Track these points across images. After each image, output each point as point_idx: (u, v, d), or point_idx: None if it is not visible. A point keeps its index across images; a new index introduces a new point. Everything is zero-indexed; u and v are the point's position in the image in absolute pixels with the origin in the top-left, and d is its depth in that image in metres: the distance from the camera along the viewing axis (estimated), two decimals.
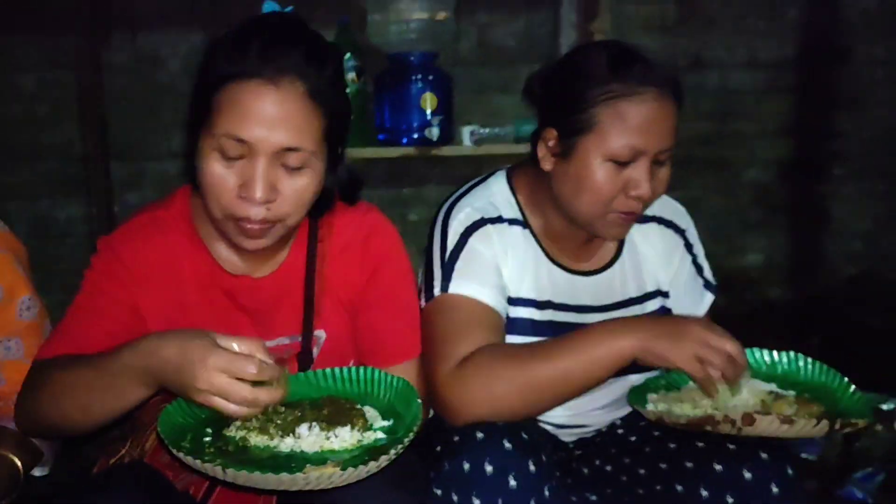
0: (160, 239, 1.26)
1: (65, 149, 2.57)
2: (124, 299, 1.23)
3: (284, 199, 1.16)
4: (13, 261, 1.34)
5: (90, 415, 1.13)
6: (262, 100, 1.10)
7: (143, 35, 2.58)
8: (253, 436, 1.09)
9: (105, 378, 1.10)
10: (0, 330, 1.32)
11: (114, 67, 2.54)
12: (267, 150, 1.12)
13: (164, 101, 2.61)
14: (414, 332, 1.34)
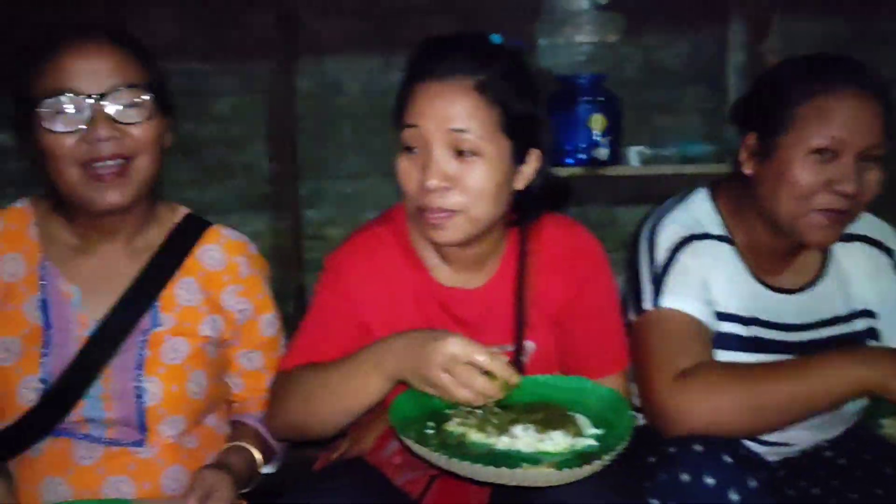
0: (380, 255, 1.34)
1: (253, 168, 2.76)
2: (351, 315, 1.32)
3: (460, 188, 1.22)
4: (262, 282, 1.44)
5: (337, 413, 1.23)
6: (436, 94, 1.22)
7: (328, 61, 2.74)
8: (472, 432, 1.16)
9: (347, 377, 1.20)
10: (245, 343, 1.42)
11: (300, 92, 2.71)
12: (438, 138, 1.21)
13: (343, 124, 2.76)
14: (621, 346, 1.38)
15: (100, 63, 1.23)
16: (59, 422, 1.24)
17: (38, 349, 1.25)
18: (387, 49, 2.73)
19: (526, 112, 1.27)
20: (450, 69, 1.22)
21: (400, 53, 2.69)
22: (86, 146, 1.22)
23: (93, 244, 1.32)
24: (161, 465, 1.29)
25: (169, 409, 1.28)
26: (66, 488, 1.24)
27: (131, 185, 1.25)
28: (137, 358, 1.28)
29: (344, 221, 2.78)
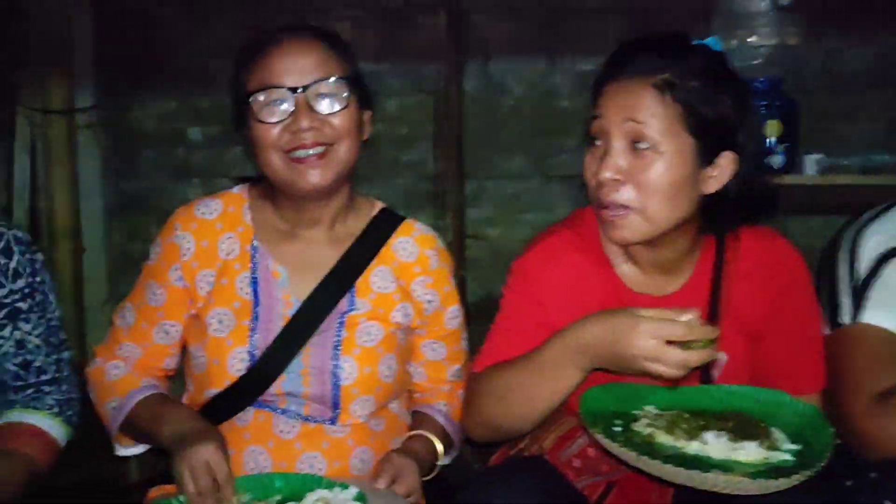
0: (568, 259, 1.33)
1: (419, 167, 2.83)
2: (540, 318, 1.31)
3: (633, 182, 1.20)
4: (449, 275, 1.49)
5: (533, 409, 1.23)
6: (619, 89, 1.22)
7: (494, 63, 2.77)
8: (660, 434, 1.14)
9: (540, 371, 1.21)
10: (430, 333, 1.46)
11: (467, 93, 2.75)
12: (615, 128, 1.20)
13: (507, 126, 2.78)
14: (819, 364, 1.32)
15: (303, 59, 1.31)
16: (262, 393, 1.32)
17: (248, 323, 1.34)
18: (552, 51, 2.74)
19: (716, 113, 1.23)
20: (635, 68, 1.22)
21: (565, 55, 2.73)
22: (289, 135, 1.30)
23: (298, 230, 1.41)
24: (351, 445, 1.35)
25: (361, 389, 1.34)
26: (267, 458, 1.31)
27: (330, 169, 1.33)
28: (335, 338, 1.34)
29: (504, 222, 2.80)
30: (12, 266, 1.37)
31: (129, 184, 2.83)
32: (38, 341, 1.39)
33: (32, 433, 1.37)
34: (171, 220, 1.42)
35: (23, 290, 1.37)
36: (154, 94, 2.78)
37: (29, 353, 1.38)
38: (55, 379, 1.42)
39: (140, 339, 1.39)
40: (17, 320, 1.37)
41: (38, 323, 1.39)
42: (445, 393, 1.50)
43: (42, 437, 1.38)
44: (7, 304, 1.36)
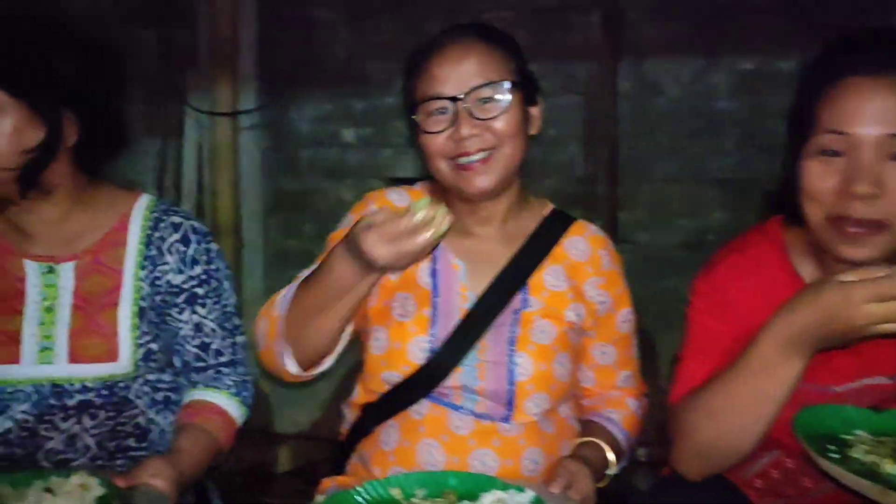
0: (757, 275, 1.26)
1: (568, 168, 2.79)
2: (736, 334, 1.23)
3: (888, 197, 1.11)
4: (621, 276, 1.46)
5: (754, 417, 1.14)
6: (870, 92, 1.11)
7: (648, 63, 2.69)
8: (886, 463, 1.06)
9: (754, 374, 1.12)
10: (601, 336, 1.43)
11: (619, 93, 2.69)
12: (872, 141, 1.10)
13: (661, 127, 2.70)
14: None
15: (463, 66, 1.31)
16: (439, 384, 1.32)
17: (428, 312, 1.35)
18: (710, 50, 2.63)
19: None
20: (884, 65, 1.11)
21: (724, 54, 2.61)
22: (452, 143, 1.32)
23: (471, 227, 1.42)
24: (523, 445, 1.33)
25: (536, 385, 1.32)
26: (441, 453, 1.32)
27: (495, 172, 1.33)
28: (510, 334, 1.34)
29: (656, 226, 2.72)
30: (190, 253, 1.43)
31: (286, 183, 2.94)
32: (214, 325, 1.44)
33: (215, 411, 1.43)
34: (364, 199, 1.48)
35: (199, 276, 1.43)
36: (311, 96, 2.87)
37: (206, 336, 1.44)
38: (231, 361, 1.47)
39: None
40: (195, 305, 1.43)
41: (214, 308, 1.44)
42: (615, 400, 1.46)
43: (223, 416, 1.43)
44: (186, 290, 1.42)
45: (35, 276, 1.37)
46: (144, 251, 1.41)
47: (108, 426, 1.37)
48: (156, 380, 1.43)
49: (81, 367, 1.35)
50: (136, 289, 1.39)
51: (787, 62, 2.54)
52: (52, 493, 1.14)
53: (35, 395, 1.34)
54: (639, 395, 1.49)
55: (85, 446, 1.35)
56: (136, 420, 1.40)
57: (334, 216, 2.91)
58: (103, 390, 1.36)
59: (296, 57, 2.83)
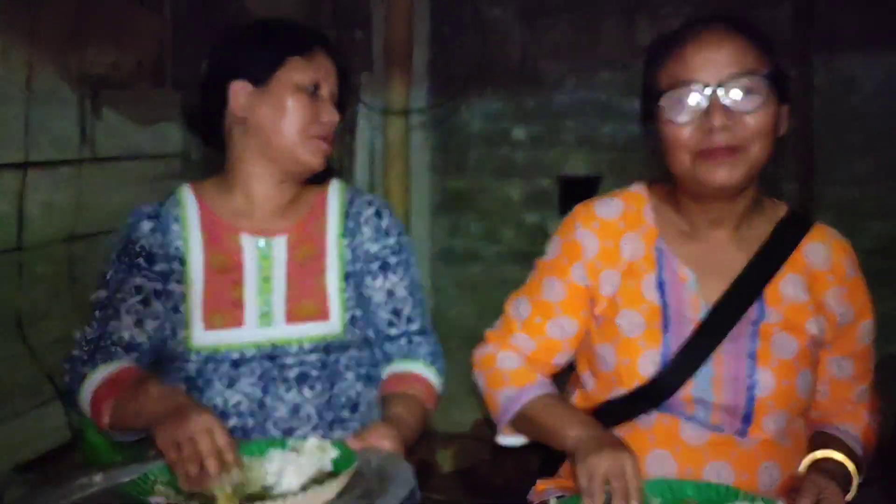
0: None
1: None
2: None
3: None
4: (864, 285, 1.37)
5: None
6: None
7: (842, 57, 2.55)
8: None
9: None
10: (839, 349, 1.35)
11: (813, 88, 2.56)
12: None
13: (853, 124, 2.55)
14: None
15: (719, 53, 1.24)
16: (669, 397, 1.27)
17: (658, 326, 1.30)
18: None
19: None
20: None
21: None
22: (700, 135, 1.24)
23: (701, 231, 1.35)
24: (759, 458, 1.26)
25: (777, 402, 1.26)
26: (672, 463, 1.27)
27: (739, 168, 1.25)
28: (749, 347, 1.27)
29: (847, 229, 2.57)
30: (384, 225, 1.53)
31: (454, 181, 2.96)
32: (405, 292, 1.53)
33: (416, 379, 1.49)
34: (569, 217, 1.41)
35: (392, 246, 1.53)
36: (481, 94, 2.88)
37: (398, 301, 1.52)
38: (422, 330, 1.54)
39: (534, 332, 1.41)
40: (388, 272, 1.51)
41: (405, 276, 1.53)
42: (850, 413, 1.37)
43: (424, 383, 1.49)
44: (381, 258, 1.52)
45: (251, 249, 1.47)
46: (345, 223, 1.51)
47: (325, 397, 1.44)
48: (359, 356, 1.50)
49: (298, 328, 1.44)
50: (340, 256, 1.49)
51: None
52: (297, 452, 1.20)
53: (258, 366, 1.42)
54: (874, 408, 1.40)
55: (307, 416, 1.43)
56: (348, 393, 1.47)
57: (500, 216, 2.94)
58: (317, 362, 1.44)
59: (468, 56, 2.85)
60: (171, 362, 1.45)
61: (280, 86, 1.42)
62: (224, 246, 1.47)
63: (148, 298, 1.44)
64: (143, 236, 1.47)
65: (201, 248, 1.47)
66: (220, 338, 1.42)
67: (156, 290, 1.45)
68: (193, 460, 1.12)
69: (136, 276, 1.44)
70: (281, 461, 1.19)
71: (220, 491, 1.12)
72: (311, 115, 1.42)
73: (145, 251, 1.46)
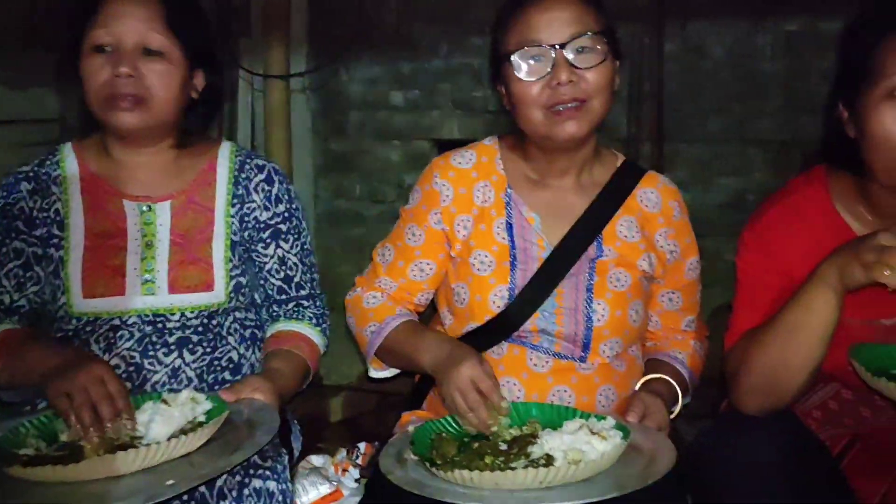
0: (802, 223, 1.33)
1: (612, 129, 2.84)
2: (785, 284, 1.29)
3: None
4: (689, 226, 1.54)
5: (809, 350, 1.21)
6: None
7: (693, 24, 2.74)
8: None
9: (806, 306, 1.20)
10: (669, 283, 1.51)
11: (665, 55, 2.74)
12: None
13: (705, 88, 2.75)
14: None
15: (560, 14, 1.37)
16: (517, 328, 1.41)
17: (507, 264, 1.43)
18: (755, 11, 2.67)
19: None
20: None
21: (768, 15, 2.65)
22: (549, 91, 1.36)
23: (547, 179, 1.48)
24: (597, 382, 1.42)
25: (612, 330, 1.41)
26: (520, 388, 1.41)
27: (585, 121, 1.39)
28: (587, 282, 1.42)
29: (699, 185, 2.79)
30: (275, 192, 1.55)
31: (336, 144, 3.01)
32: (296, 260, 1.56)
33: (300, 338, 1.55)
34: (429, 168, 1.52)
35: (283, 213, 1.55)
36: (360, 59, 2.94)
37: (289, 269, 1.55)
38: (311, 295, 1.59)
39: (397, 275, 1.51)
40: (279, 240, 1.54)
41: (295, 244, 1.56)
42: (679, 342, 1.54)
43: (308, 342, 1.55)
44: (271, 226, 1.54)
45: (134, 215, 1.47)
46: (233, 190, 1.52)
47: (206, 360, 1.47)
48: (243, 317, 1.53)
49: (180, 297, 1.45)
50: (227, 224, 1.50)
51: (830, 23, 2.57)
52: (167, 404, 1.25)
53: (138, 331, 1.43)
54: (701, 337, 1.57)
55: (188, 378, 1.46)
56: (229, 355, 1.50)
57: (382, 177, 3.03)
58: (199, 326, 1.46)
59: (346, 21, 2.89)
60: (51, 324, 1.46)
61: (83, 52, 1.41)
62: (106, 210, 1.46)
63: (28, 262, 1.44)
64: (22, 199, 1.45)
65: (82, 212, 1.45)
66: (101, 305, 1.42)
67: (35, 254, 1.44)
68: (85, 408, 1.15)
69: (15, 240, 1.44)
70: (151, 412, 1.24)
71: (89, 442, 1.16)
72: (102, 76, 1.39)
73: (24, 214, 1.45)
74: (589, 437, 1.19)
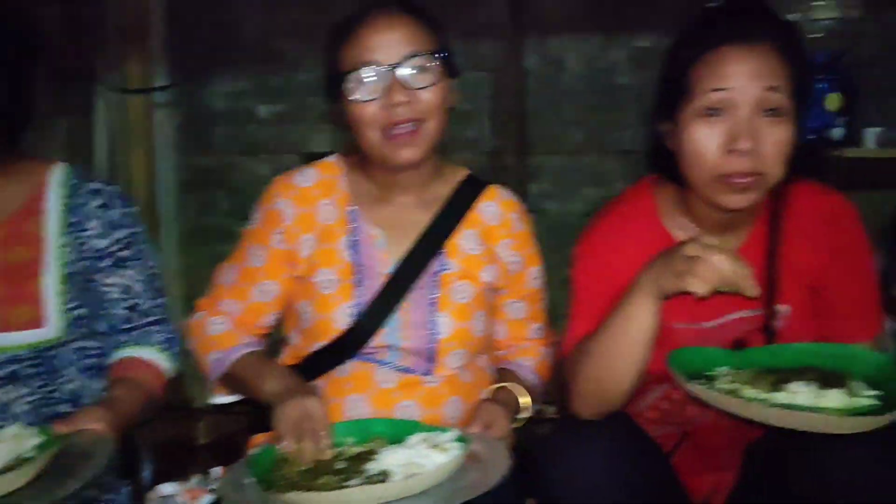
0: (629, 234, 1.38)
1: (478, 143, 2.90)
2: (614, 294, 1.32)
3: (767, 151, 1.23)
4: (531, 237, 1.57)
5: (632, 358, 1.26)
6: (747, 55, 1.23)
7: (552, 40, 2.83)
8: (744, 388, 1.21)
9: (620, 317, 1.26)
10: (513, 293, 1.54)
11: (526, 70, 2.82)
12: (750, 98, 1.22)
13: (565, 102, 2.85)
14: (876, 312, 1.38)
15: (393, 34, 1.37)
16: (364, 345, 1.41)
17: (352, 281, 1.43)
18: (609, 28, 2.79)
19: (806, 77, 1.28)
20: (756, 32, 1.24)
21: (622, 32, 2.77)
22: (384, 112, 1.37)
23: (390, 195, 1.49)
24: (443, 394, 1.44)
25: (456, 342, 1.43)
26: (366, 406, 1.41)
27: (422, 143, 1.40)
28: (430, 296, 1.43)
29: (563, 196, 2.88)
30: (113, 217, 1.47)
31: (202, 160, 2.95)
32: (141, 287, 1.49)
33: (144, 364, 1.47)
34: (270, 188, 1.51)
35: (124, 239, 1.47)
36: (225, 73, 2.89)
37: (134, 297, 1.48)
38: (160, 320, 1.52)
39: (240, 296, 1.49)
40: (121, 268, 1.47)
41: (141, 270, 1.49)
42: (526, 349, 1.58)
43: (152, 368, 1.48)
44: (112, 253, 1.46)
45: None
46: (67, 218, 1.44)
47: (41, 393, 1.40)
48: (84, 347, 1.46)
49: (9, 336, 1.37)
50: (60, 255, 1.42)
51: None
52: None
53: None
54: (548, 344, 1.62)
55: (15, 415, 1.37)
56: (69, 387, 1.43)
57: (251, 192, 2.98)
58: (32, 360, 1.39)
59: (208, 33, 2.84)
60: None
61: None
62: None
63: None
64: None
65: None
66: None
67: None
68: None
69: None
70: None
71: None
72: None
73: None
74: (428, 450, 1.20)
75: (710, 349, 1.33)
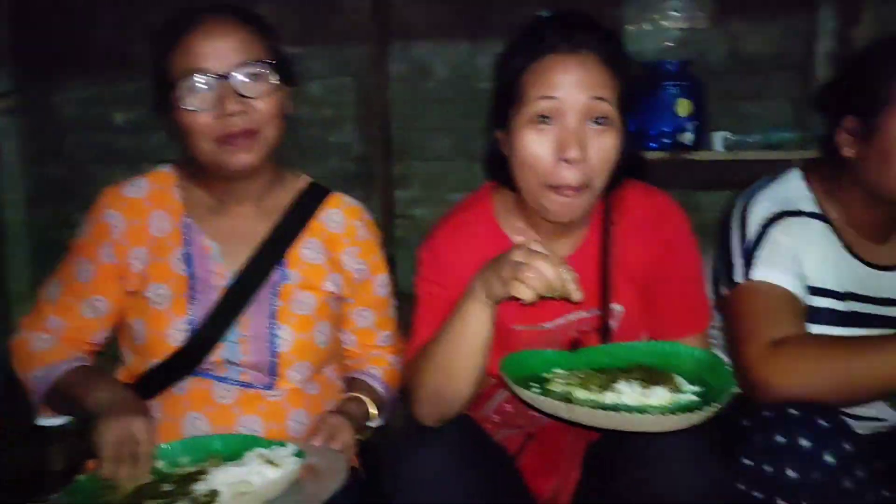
0: (469, 239, 1.39)
1: (345, 148, 2.87)
2: (452, 298, 1.32)
3: (594, 160, 1.26)
4: (377, 245, 1.55)
5: (468, 362, 1.26)
6: (573, 64, 1.25)
7: (417, 46, 2.83)
8: (577, 390, 1.24)
9: (461, 323, 1.25)
10: (360, 301, 1.52)
11: (392, 75, 2.81)
12: (577, 106, 1.24)
13: (432, 108, 2.85)
14: (703, 307, 1.43)
15: (226, 42, 1.32)
16: (202, 361, 1.35)
17: (186, 295, 1.37)
18: (474, 34, 2.82)
19: (631, 87, 1.31)
20: (582, 42, 1.25)
21: (487, 39, 2.80)
22: (217, 121, 1.31)
23: (227, 205, 1.44)
24: (287, 408, 1.40)
25: (298, 355, 1.39)
26: (205, 423, 1.35)
27: (257, 150, 1.35)
28: (270, 308, 1.39)
29: (431, 202, 2.88)
30: None
31: (52, 169, 2.80)
32: None
33: None
34: (99, 199, 1.43)
35: None
36: (75, 78, 2.75)
37: None
38: None
39: (66, 313, 1.41)
40: None
41: None
42: (375, 358, 1.56)
43: None
44: None
45: None
46: None
47: None
48: None
49: None
50: None
51: None
52: None
53: None
54: (398, 351, 1.60)
55: None
56: None
57: None
58: None
59: (55, 37, 2.70)
60: None
61: None
62: None
63: None
64: None
65: None
66: None
67: None
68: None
69: None
70: None
71: None
72: None
73: None
74: (261, 466, 1.17)
75: (546, 351, 1.35)
